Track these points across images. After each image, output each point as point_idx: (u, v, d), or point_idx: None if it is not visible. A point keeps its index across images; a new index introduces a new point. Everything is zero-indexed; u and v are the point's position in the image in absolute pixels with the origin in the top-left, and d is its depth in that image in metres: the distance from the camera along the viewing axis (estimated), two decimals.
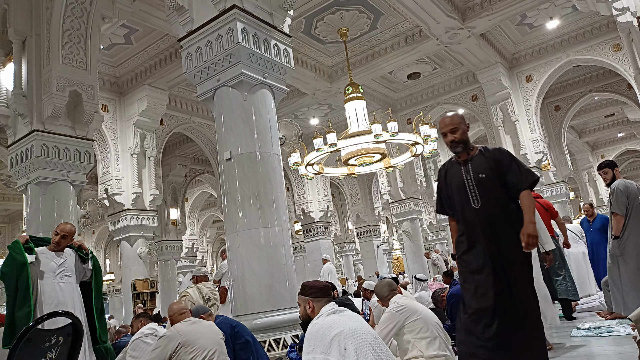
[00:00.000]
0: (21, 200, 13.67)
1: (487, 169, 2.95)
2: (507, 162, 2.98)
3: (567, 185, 14.47)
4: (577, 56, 11.52)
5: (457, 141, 3.04)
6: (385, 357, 2.66)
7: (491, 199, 2.91)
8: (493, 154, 3.01)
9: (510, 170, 2.95)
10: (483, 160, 2.99)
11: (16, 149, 6.61)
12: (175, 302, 3.85)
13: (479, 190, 2.93)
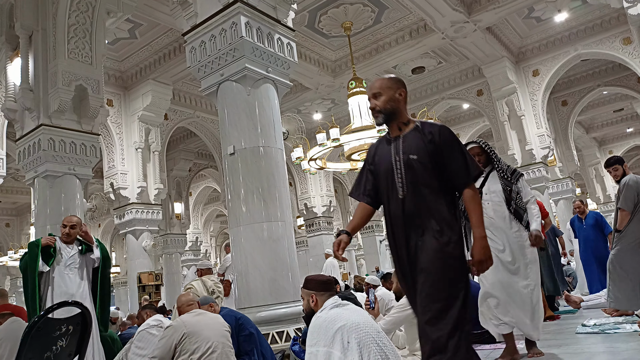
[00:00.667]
0: (29, 193, 13.78)
1: (422, 149, 2.30)
2: (449, 146, 2.31)
3: (573, 181, 14.40)
4: (586, 50, 11.41)
5: (378, 110, 2.40)
6: (388, 351, 2.68)
7: (419, 187, 2.27)
8: (432, 132, 2.33)
9: (453, 157, 2.30)
10: (418, 138, 2.33)
11: (24, 143, 6.66)
12: (184, 293, 3.90)
13: (407, 176, 2.29)
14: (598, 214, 7.43)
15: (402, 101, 2.44)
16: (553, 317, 5.75)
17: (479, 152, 3.73)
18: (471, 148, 3.73)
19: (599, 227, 7.14)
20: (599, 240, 7.09)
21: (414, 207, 2.26)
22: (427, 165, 2.27)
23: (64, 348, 2.45)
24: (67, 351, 2.48)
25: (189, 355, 3.18)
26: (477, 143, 3.80)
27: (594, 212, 7.45)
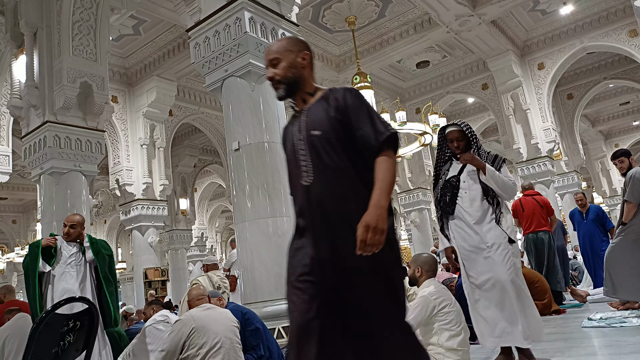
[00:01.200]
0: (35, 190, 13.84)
1: (326, 122, 1.81)
2: (355, 111, 1.81)
3: (579, 175, 14.34)
4: (592, 43, 11.33)
5: (278, 80, 1.90)
6: None
7: (327, 171, 1.78)
8: (336, 98, 1.84)
9: (361, 120, 1.79)
10: (322, 110, 1.84)
11: (29, 140, 6.69)
12: (194, 287, 3.92)
13: (312, 157, 1.81)
14: (600, 208, 7.32)
15: (307, 66, 1.95)
16: (559, 311, 5.75)
17: (458, 137, 3.35)
18: (450, 132, 3.38)
19: (599, 222, 7.06)
20: (598, 235, 7.01)
21: (321, 196, 1.77)
22: (333, 141, 1.79)
23: (71, 343, 2.47)
24: (75, 346, 2.50)
25: (197, 350, 3.20)
26: (458, 126, 3.37)
27: (596, 206, 7.33)
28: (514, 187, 3.26)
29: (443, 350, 3.08)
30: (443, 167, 3.51)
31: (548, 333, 4.51)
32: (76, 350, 2.54)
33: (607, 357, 3.20)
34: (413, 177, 13.33)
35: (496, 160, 3.31)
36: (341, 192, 1.77)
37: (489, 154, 3.38)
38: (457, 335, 3.12)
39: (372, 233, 1.62)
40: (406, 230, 24.62)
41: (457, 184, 3.32)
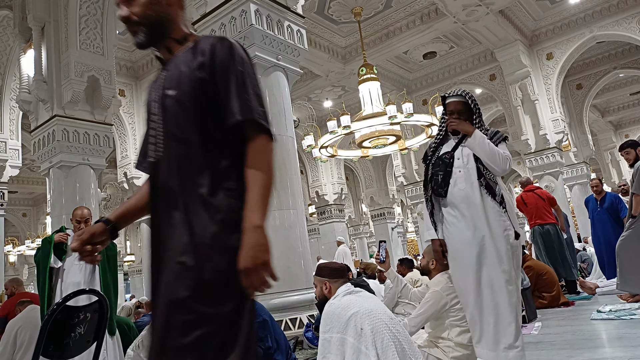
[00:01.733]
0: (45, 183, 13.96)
1: (185, 79, 1.36)
2: (225, 68, 1.35)
3: (588, 166, 14.23)
4: (601, 32, 11.19)
5: (135, 20, 1.45)
6: (401, 337, 2.70)
7: (175, 143, 1.35)
8: (203, 50, 1.38)
9: (229, 85, 1.34)
10: (184, 63, 1.40)
11: (39, 134, 6.74)
12: None
13: (164, 125, 1.38)
14: (616, 196, 7.12)
15: (175, 4, 1.49)
16: (568, 303, 5.74)
17: (460, 109, 2.92)
18: (450, 102, 2.96)
19: (614, 210, 6.89)
20: (611, 224, 6.84)
21: (162, 176, 1.35)
22: (187, 105, 1.34)
23: (82, 335, 2.50)
24: (86, 338, 2.54)
25: None
26: (460, 96, 2.95)
27: (612, 194, 7.14)
28: (505, 159, 2.76)
29: (453, 344, 3.08)
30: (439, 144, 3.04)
31: (557, 325, 4.51)
32: (87, 342, 2.57)
33: (617, 349, 3.19)
34: (420, 169, 13.29)
35: (496, 136, 2.88)
36: (188, 172, 1.31)
37: (489, 130, 2.95)
38: (467, 332, 3.11)
39: (253, 277, 1.22)
40: (413, 223, 24.63)
41: (451, 162, 2.84)
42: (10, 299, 5.43)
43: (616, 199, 6.97)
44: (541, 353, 3.38)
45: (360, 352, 2.60)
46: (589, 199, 7.35)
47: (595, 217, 7.05)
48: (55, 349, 2.37)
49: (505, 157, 2.76)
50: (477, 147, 2.77)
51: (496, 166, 2.75)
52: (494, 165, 2.75)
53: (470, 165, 2.78)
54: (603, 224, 6.90)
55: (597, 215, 7.01)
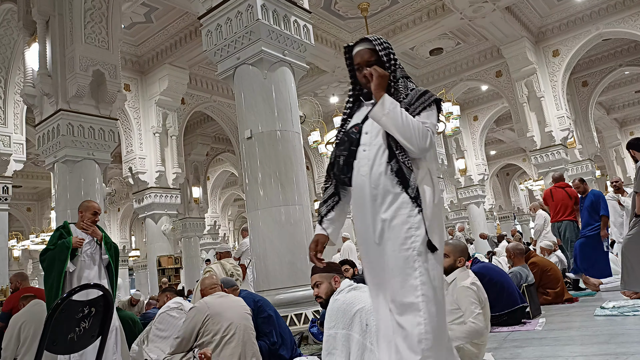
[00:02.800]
0: (49, 178, 14.01)
1: None
2: None
3: (593, 163, 14.18)
4: (608, 29, 11.13)
5: None
6: None
7: None
8: None
9: None
10: None
11: (43, 128, 6.74)
12: (208, 277, 3.95)
13: None
14: (597, 194, 6.94)
15: None
16: (572, 299, 5.72)
17: (371, 61, 2.05)
18: (356, 54, 2.11)
19: (594, 209, 6.72)
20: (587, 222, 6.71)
21: None
22: None
23: (87, 329, 2.50)
24: (90, 332, 2.53)
25: (211, 336, 3.23)
26: (369, 42, 2.08)
27: (594, 192, 6.94)
28: (424, 135, 1.93)
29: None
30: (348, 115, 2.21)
31: (560, 321, 4.50)
32: (91, 336, 2.57)
33: (620, 345, 3.17)
34: None
35: (422, 98, 2.00)
36: None
37: (415, 90, 2.04)
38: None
39: None
40: None
41: (359, 137, 2.06)
42: (14, 293, 5.45)
43: (596, 197, 6.79)
44: (545, 349, 3.37)
45: (365, 348, 2.60)
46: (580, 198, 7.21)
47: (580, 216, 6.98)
48: (60, 343, 2.37)
49: (424, 132, 1.93)
50: (384, 118, 1.94)
51: (411, 144, 1.93)
52: (408, 144, 1.92)
53: (377, 142, 2.00)
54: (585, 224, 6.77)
55: (581, 215, 6.94)
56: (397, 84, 2.04)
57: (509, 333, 4.17)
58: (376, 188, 1.96)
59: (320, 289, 2.93)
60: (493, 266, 5.18)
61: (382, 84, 1.99)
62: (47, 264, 4.07)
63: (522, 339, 3.85)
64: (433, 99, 2.02)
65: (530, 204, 9.77)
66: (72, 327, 2.42)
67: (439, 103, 2.07)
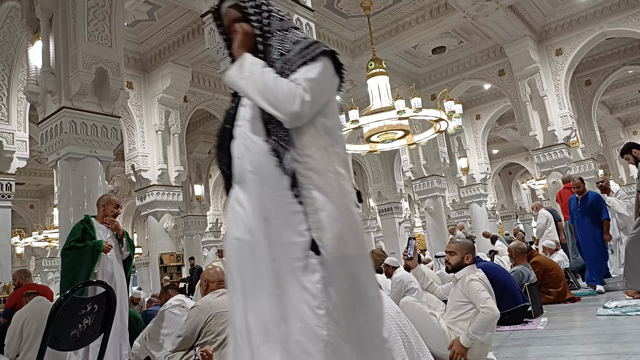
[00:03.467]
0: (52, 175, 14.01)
1: None
2: None
3: (596, 163, 14.15)
4: (611, 28, 11.09)
5: None
6: (407, 331, 2.70)
7: None
8: None
9: None
10: None
11: (46, 126, 6.75)
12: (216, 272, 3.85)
13: None
14: (597, 196, 6.68)
15: None
16: (574, 298, 5.72)
17: (234, 16, 1.69)
18: (225, 13, 1.74)
19: (594, 212, 6.45)
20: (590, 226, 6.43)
21: None
22: None
23: (89, 326, 2.51)
24: (93, 329, 2.54)
25: (214, 336, 3.20)
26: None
27: (593, 194, 6.68)
28: (291, 92, 1.46)
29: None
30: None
31: (563, 321, 4.49)
32: (94, 333, 2.58)
33: (622, 345, 3.17)
34: (428, 164, 13.26)
35: (304, 52, 1.55)
36: None
37: (302, 42, 1.58)
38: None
39: None
40: (420, 218, 24.60)
41: (234, 114, 1.68)
42: (17, 290, 5.47)
43: (597, 199, 6.56)
44: (547, 348, 3.37)
45: None
46: (571, 199, 6.94)
47: (577, 218, 6.65)
48: (63, 340, 2.38)
49: (291, 91, 1.46)
50: (242, 82, 1.55)
51: (276, 109, 1.48)
52: (273, 109, 1.48)
53: (252, 115, 1.58)
54: (581, 224, 6.52)
55: (578, 216, 6.60)
56: (271, 39, 1.60)
57: (510, 332, 4.17)
58: (255, 173, 1.52)
59: None
60: (495, 265, 5.18)
61: (245, 42, 1.60)
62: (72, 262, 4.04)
63: (524, 338, 3.85)
64: (319, 51, 1.55)
65: (532, 203, 9.75)
66: (75, 323, 2.43)
67: (332, 56, 1.60)
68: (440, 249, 11.15)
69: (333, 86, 1.62)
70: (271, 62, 1.56)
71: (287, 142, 1.49)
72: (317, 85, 1.52)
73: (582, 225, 6.52)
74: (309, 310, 1.37)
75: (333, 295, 1.39)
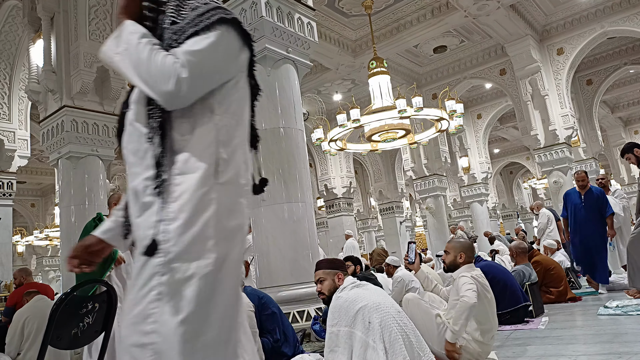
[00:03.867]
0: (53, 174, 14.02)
1: None
2: None
3: (597, 162, 14.14)
4: (613, 27, 11.07)
5: None
6: (408, 331, 2.70)
7: None
8: None
9: None
10: None
11: (47, 124, 6.76)
12: None
13: None
14: (601, 191, 6.36)
15: None
16: (575, 298, 5.71)
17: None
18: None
19: (598, 207, 6.11)
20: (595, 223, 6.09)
21: None
22: None
23: (90, 325, 2.51)
24: (94, 328, 2.54)
25: None
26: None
27: (597, 188, 6.38)
28: (166, 68, 1.24)
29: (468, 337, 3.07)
30: None
31: (564, 320, 4.49)
32: (95, 332, 2.58)
33: (623, 344, 3.17)
34: (429, 163, 13.26)
35: (198, 19, 1.31)
36: None
37: (202, 7, 1.34)
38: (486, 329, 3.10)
39: None
40: (421, 217, 24.60)
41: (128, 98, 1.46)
42: (18, 288, 5.48)
43: (602, 195, 6.28)
44: (548, 348, 3.36)
45: (368, 346, 2.61)
46: (569, 192, 6.56)
47: (577, 214, 6.27)
48: (64, 338, 2.38)
49: (167, 67, 1.24)
50: (116, 57, 1.33)
51: (148, 86, 1.28)
52: (146, 86, 1.28)
53: (136, 98, 1.37)
54: (586, 222, 6.15)
55: (580, 212, 6.24)
56: (164, 5, 1.37)
57: (511, 332, 4.17)
58: (134, 165, 1.34)
59: (324, 285, 2.95)
60: (496, 264, 5.18)
61: (129, 6, 1.36)
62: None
63: (525, 337, 3.85)
64: (215, 18, 1.30)
65: (533, 203, 9.72)
66: (76, 322, 2.43)
67: (235, 25, 1.34)
68: (441, 249, 11.14)
69: (234, 61, 1.35)
70: (160, 33, 1.31)
71: (163, 127, 1.28)
72: (204, 60, 1.27)
73: (586, 223, 6.11)
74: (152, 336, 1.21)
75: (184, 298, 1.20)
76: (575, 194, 6.38)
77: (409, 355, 2.59)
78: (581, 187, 6.31)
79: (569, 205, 6.42)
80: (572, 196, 6.42)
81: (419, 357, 2.65)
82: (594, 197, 6.15)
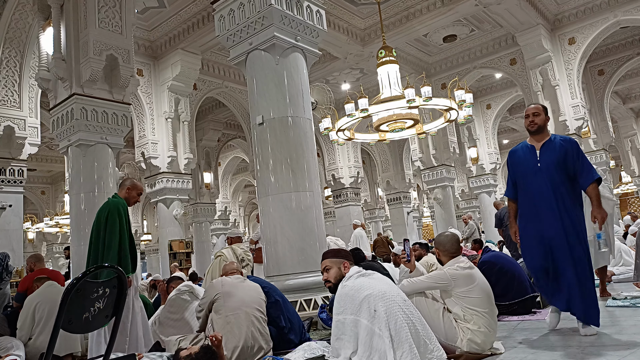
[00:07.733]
0: (63, 161, 14.15)
1: None
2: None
3: (607, 154, 14.01)
4: (626, 17, 10.90)
5: None
6: (414, 318, 2.71)
7: None
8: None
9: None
10: None
11: (57, 112, 6.79)
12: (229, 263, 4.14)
13: None
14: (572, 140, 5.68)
15: None
16: None
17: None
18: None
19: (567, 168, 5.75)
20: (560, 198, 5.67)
21: None
22: None
23: (101, 310, 2.54)
24: (104, 313, 2.58)
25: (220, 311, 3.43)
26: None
27: (566, 137, 5.65)
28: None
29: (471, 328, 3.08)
30: None
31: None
32: (105, 317, 2.61)
33: (632, 336, 3.16)
34: (437, 153, 13.21)
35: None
36: None
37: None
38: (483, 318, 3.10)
39: None
40: (429, 207, 24.55)
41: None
42: (29, 274, 5.55)
43: (573, 145, 5.68)
44: (555, 338, 3.37)
45: (374, 334, 2.62)
46: (515, 150, 5.77)
47: (531, 182, 5.82)
48: (75, 322, 2.41)
49: None
50: None
51: None
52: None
53: None
54: (546, 196, 6.00)
55: (534, 180, 5.74)
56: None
57: (519, 322, 4.17)
58: None
59: (330, 273, 2.97)
60: (504, 255, 5.17)
61: None
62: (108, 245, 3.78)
63: (532, 328, 3.85)
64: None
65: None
66: (87, 306, 2.46)
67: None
68: None
69: None
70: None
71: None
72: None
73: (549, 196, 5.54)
74: None
75: None
76: (526, 149, 3.71)
77: (414, 343, 2.60)
78: (534, 131, 3.65)
79: (517, 173, 3.76)
80: (520, 154, 3.74)
81: (426, 345, 2.67)
82: (560, 152, 3.55)
